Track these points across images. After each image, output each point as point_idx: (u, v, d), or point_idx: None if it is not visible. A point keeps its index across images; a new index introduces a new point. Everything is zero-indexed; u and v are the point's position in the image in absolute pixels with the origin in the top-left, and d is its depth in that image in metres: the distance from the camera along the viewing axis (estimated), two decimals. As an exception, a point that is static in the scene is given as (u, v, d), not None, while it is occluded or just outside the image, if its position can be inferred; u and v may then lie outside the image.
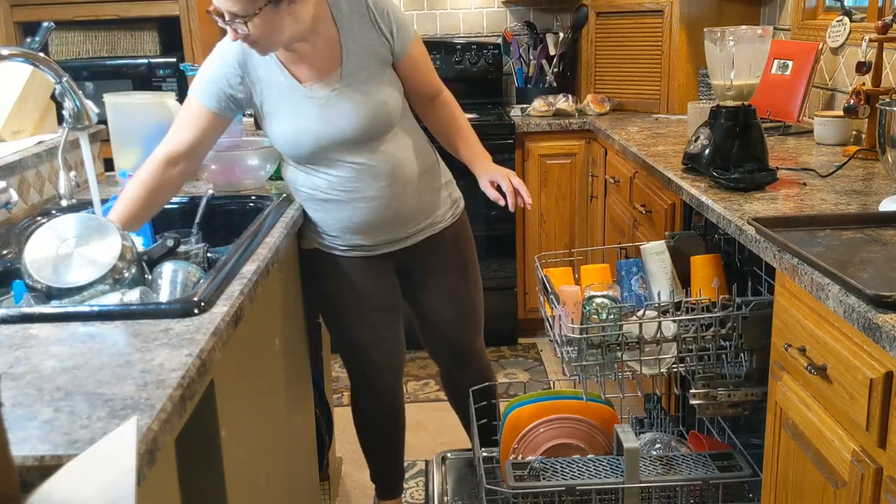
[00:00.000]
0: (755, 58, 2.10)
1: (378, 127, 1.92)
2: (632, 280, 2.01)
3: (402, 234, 2.03)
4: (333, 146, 1.90)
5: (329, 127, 1.88)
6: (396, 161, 1.96)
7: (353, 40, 1.90)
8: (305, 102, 1.88)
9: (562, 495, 1.87)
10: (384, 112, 1.92)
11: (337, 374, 3.53)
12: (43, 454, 0.87)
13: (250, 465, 1.50)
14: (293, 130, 1.89)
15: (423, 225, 2.05)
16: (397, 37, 1.94)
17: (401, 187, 1.97)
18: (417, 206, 2.02)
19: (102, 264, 1.51)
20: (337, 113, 1.88)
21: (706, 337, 1.81)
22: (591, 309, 1.77)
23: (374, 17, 1.91)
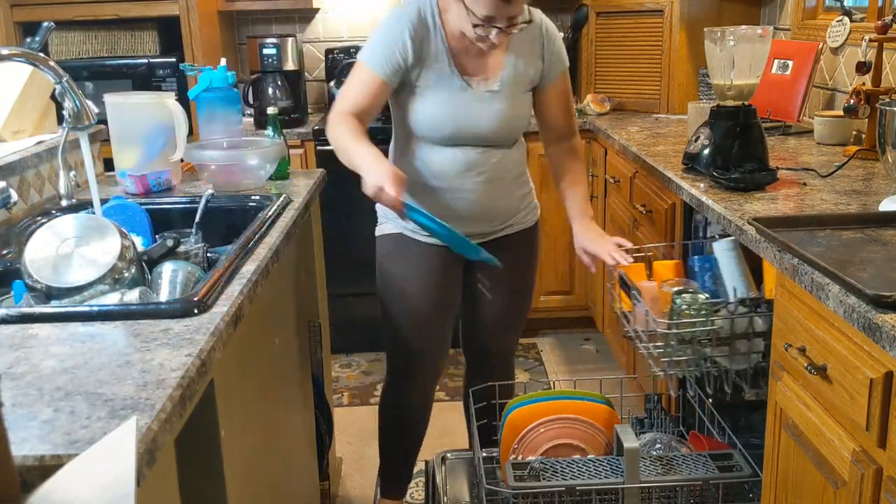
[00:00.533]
0: (755, 58, 2.10)
1: (508, 135, 2.09)
2: (704, 276, 2.01)
3: (486, 230, 2.15)
4: (465, 138, 2.02)
5: (473, 121, 2.02)
6: (502, 165, 2.10)
7: (518, 54, 2.05)
8: (461, 93, 2.01)
9: (562, 495, 1.87)
10: (519, 126, 2.10)
11: (337, 374, 3.53)
12: (43, 454, 0.87)
13: (250, 465, 1.50)
14: (442, 114, 2.01)
15: (505, 224, 2.17)
16: (550, 66, 2.10)
17: (497, 187, 2.10)
18: (505, 206, 2.15)
19: (102, 264, 1.51)
20: (485, 113, 2.02)
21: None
22: (681, 303, 1.76)
23: (543, 41, 2.08)
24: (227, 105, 2.37)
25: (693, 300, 1.76)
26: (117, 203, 1.96)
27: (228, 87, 2.37)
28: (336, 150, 1.98)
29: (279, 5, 3.77)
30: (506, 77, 2.04)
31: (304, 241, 2.28)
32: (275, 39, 3.58)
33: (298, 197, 2.10)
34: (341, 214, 3.47)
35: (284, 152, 2.27)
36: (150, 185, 2.17)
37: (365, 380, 3.49)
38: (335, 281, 2.96)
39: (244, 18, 4.04)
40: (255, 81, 3.61)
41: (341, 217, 3.47)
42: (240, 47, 4.04)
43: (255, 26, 4.04)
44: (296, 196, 2.10)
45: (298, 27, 4.04)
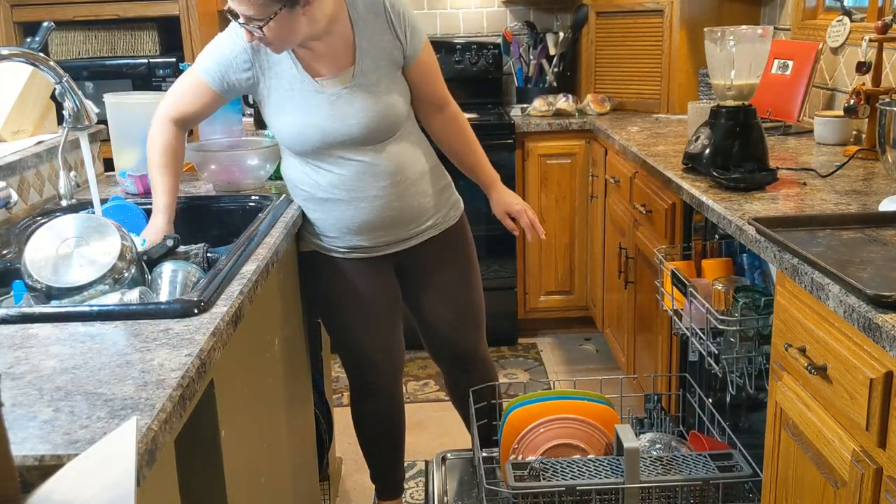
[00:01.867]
0: (755, 58, 2.10)
1: (386, 128, 1.93)
2: (754, 274, 2.01)
3: (402, 236, 2.03)
4: (339, 143, 1.90)
5: (337, 124, 1.89)
6: (399, 161, 1.96)
7: (367, 40, 1.90)
8: (315, 97, 1.89)
9: (562, 495, 1.87)
10: (393, 113, 1.93)
11: (337, 374, 3.53)
12: (43, 454, 0.87)
13: (250, 465, 1.50)
14: (300, 124, 1.89)
15: (424, 227, 2.06)
16: (410, 40, 1.95)
17: (402, 188, 1.97)
18: (418, 207, 2.02)
19: (102, 264, 1.51)
20: (347, 111, 1.89)
21: None
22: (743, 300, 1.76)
23: (390, 18, 1.92)
24: (227, 105, 2.37)
25: (751, 296, 1.76)
26: (116, 204, 1.96)
27: (228, 87, 2.36)
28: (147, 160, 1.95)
29: (279, 5, 3.76)
30: (360, 69, 1.89)
31: (304, 241, 2.28)
32: (275, 39, 3.57)
33: (298, 197, 2.10)
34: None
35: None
36: (150, 185, 2.16)
37: (365, 380, 3.48)
38: (335, 281, 2.96)
39: (244, 18, 4.03)
40: (255, 81, 3.61)
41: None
42: (240, 47, 4.03)
43: (255, 26, 4.03)
44: (296, 196, 2.10)
45: (298, 27, 4.04)
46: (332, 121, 1.88)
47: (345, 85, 1.89)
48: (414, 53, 1.97)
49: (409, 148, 2.00)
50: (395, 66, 1.96)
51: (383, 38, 1.92)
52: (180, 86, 1.95)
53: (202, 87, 1.91)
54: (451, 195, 2.14)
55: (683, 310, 1.95)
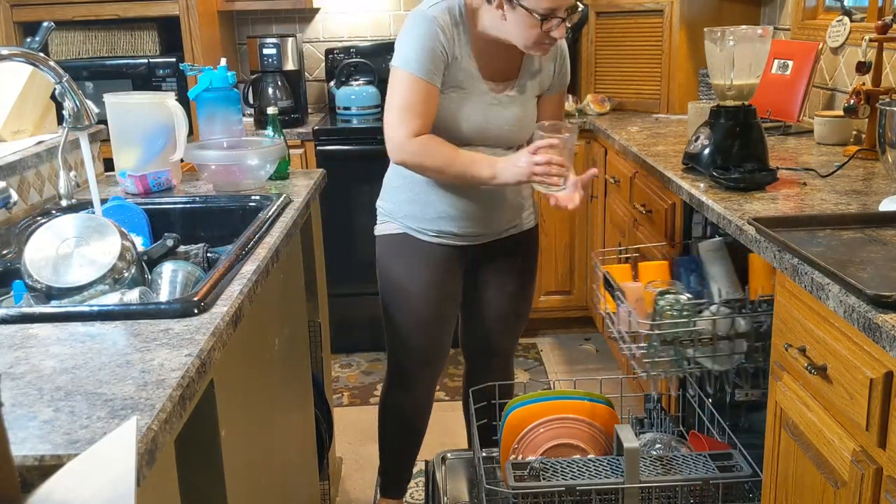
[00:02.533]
0: (755, 58, 2.10)
1: (520, 138, 2.10)
2: (690, 277, 2.01)
3: (491, 230, 2.15)
4: (483, 140, 2.03)
5: (491, 123, 2.03)
6: None
7: (534, 62, 2.08)
8: (482, 95, 2.02)
9: (562, 495, 1.87)
10: (530, 127, 2.09)
11: (337, 374, 3.53)
12: (43, 454, 0.87)
13: (250, 465, 1.50)
14: (464, 115, 2.01)
15: (510, 225, 2.18)
16: (560, 78, 2.15)
17: (508, 188, 2.10)
18: (513, 206, 2.16)
19: (102, 264, 1.51)
20: (503, 115, 2.04)
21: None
22: (663, 304, 1.76)
23: (559, 54, 2.12)
24: (227, 105, 2.37)
25: (676, 301, 1.76)
26: (116, 204, 1.96)
27: (228, 87, 2.37)
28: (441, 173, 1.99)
29: (279, 5, 3.76)
30: (522, 82, 2.07)
31: (304, 241, 2.28)
32: (275, 39, 3.58)
33: (298, 197, 2.10)
34: (341, 214, 3.47)
35: (284, 152, 2.27)
36: (149, 185, 2.17)
37: (365, 380, 3.49)
38: (335, 281, 2.96)
39: (244, 18, 4.04)
40: (255, 81, 3.61)
41: (341, 217, 3.47)
42: (240, 47, 4.04)
43: (255, 26, 4.04)
44: (296, 196, 2.10)
45: (298, 27, 4.04)
46: (488, 119, 2.03)
47: (506, 93, 2.05)
48: (555, 89, 2.17)
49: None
50: (539, 90, 2.14)
51: (547, 66, 2.11)
52: (408, 101, 1.95)
53: (433, 91, 1.97)
54: (533, 199, 2.26)
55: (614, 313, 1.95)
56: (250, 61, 3.64)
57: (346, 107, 3.75)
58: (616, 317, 1.91)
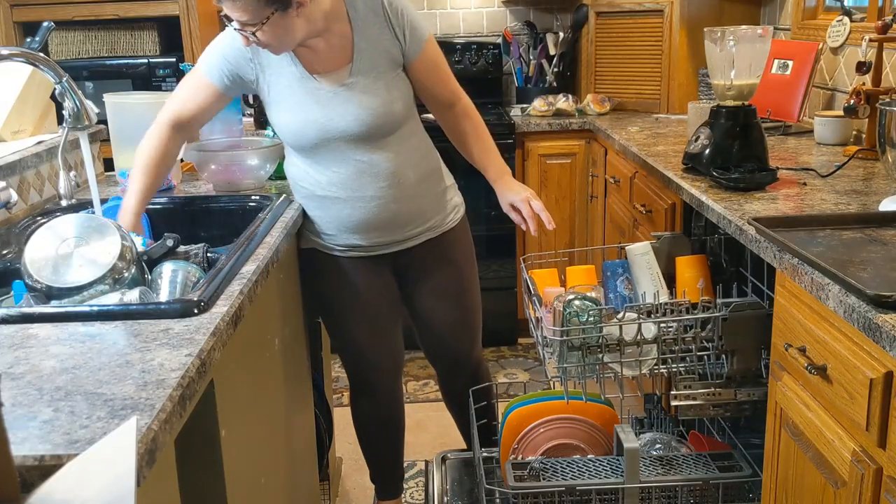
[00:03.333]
0: (755, 58, 2.10)
1: (383, 126, 1.92)
2: (617, 281, 2.01)
3: (399, 237, 2.03)
4: (337, 140, 1.91)
5: (335, 120, 1.89)
6: (399, 163, 1.96)
7: (366, 39, 1.91)
8: (314, 94, 1.90)
9: (562, 495, 1.87)
10: (390, 112, 1.92)
11: (337, 373, 3.53)
12: (43, 454, 0.87)
13: (250, 465, 1.50)
14: (299, 120, 1.90)
15: (422, 228, 2.06)
16: (410, 38, 1.95)
17: (401, 189, 1.97)
18: (416, 209, 2.02)
19: (102, 264, 1.51)
20: (344, 108, 1.89)
21: (687, 339, 1.81)
22: (570, 311, 1.76)
23: (388, 16, 1.92)
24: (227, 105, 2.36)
25: (584, 307, 1.76)
26: (116, 204, 1.96)
27: (228, 87, 2.36)
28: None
29: (279, 5, 3.76)
30: (358, 67, 1.90)
31: (304, 241, 2.28)
32: (275, 39, 3.57)
33: (298, 197, 2.10)
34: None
35: (284, 152, 2.27)
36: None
37: (365, 380, 3.48)
38: (335, 281, 2.96)
39: (244, 18, 4.03)
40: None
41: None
42: (240, 47, 4.03)
43: (255, 26, 4.04)
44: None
45: (298, 27, 4.04)
46: (329, 117, 1.89)
47: (342, 82, 1.90)
48: (414, 52, 1.96)
49: (411, 150, 2.00)
50: (395, 64, 1.95)
51: (382, 36, 1.92)
52: (182, 88, 1.97)
53: (204, 85, 1.92)
54: (451, 198, 2.13)
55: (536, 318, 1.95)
56: (250, 61, 3.64)
57: (346, 107, 3.75)
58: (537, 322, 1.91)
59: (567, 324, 1.77)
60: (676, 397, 1.87)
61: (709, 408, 1.87)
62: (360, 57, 1.90)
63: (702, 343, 1.81)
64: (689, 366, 1.84)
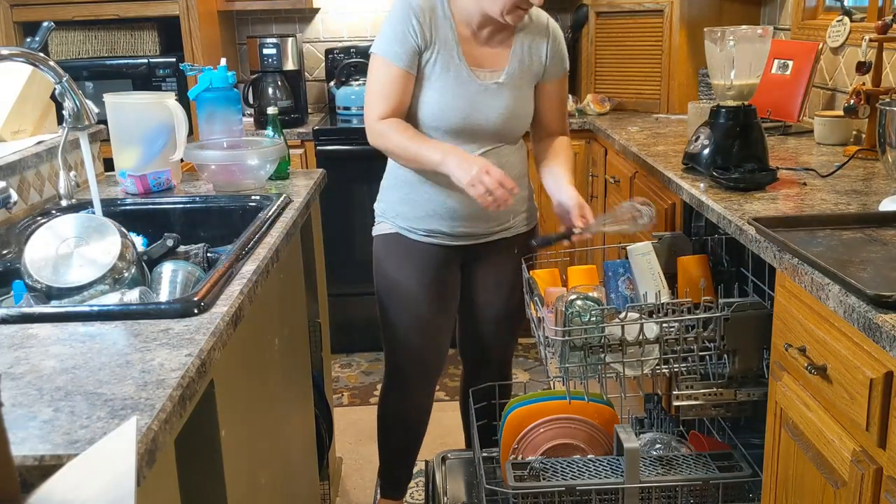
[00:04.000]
0: (755, 58, 2.10)
1: (515, 128, 2.07)
2: (619, 281, 2.01)
3: (481, 231, 2.12)
4: (471, 130, 2.00)
5: (479, 112, 2.00)
6: (504, 161, 2.06)
7: (523, 48, 2.05)
8: (468, 83, 1.99)
9: (562, 495, 1.87)
10: (524, 120, 2.08)
11: (337, 374, 3.53)
12: (43, 454, 0.87)
13: (250, 465, 1.50)
14: (447, 102, 1.98)
15: (502, 227, 2.14)
16: (552, 64, 2.09)
17: None
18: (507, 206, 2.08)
19: (102, 264, 1.51)
20: (491, 103, 2.00)
21: (689, 338, 1.81)
22: (572, 311, 1.76)
23: (549, 36, 2.08)
24: (227, 105, 2.37)
25: (586, 307, 1.76)
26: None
27: (228, 87, 2.37)
28: (398, 156, 2.01)
29: (279, 5, 3.77)
30: (511, 70, 2.03)
31: (304, 241, 2.28)
32: (275, 39, 3.58)
33: (298, 197, 2.10)
34: (341, 214, 3.47)
35: (284, 152, 2.27)
36: (150, 185, 2.17)
37: (365, 380, 3.49)
38: (335, 281, 2.97)
39: (244, 18, 4.04)
40: (255, 81, 3.61)
41: (341, 217, 3.47)
42: (240, 47, 4.04)
43: (255, 26, 4.04)
44: (296, 196, 2.10)
45: (298, 27, 4.04)
46: (476, 108, 1.99)
47: (495, 80, 2.01)
48: (553, 76, 2.11)
49: (516, 150, 2.12)
50: (535, 78, 2.09)
51: (537, 51, 2.07)
52: (379, 85, 2.00)
53: (401, 74, 1.97)
54: (532, 203, 2.24)
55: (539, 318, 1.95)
56: (250, 61, 3.64)
57: (346, 107, 3.75)
58: (538, 322, 1.91)
59: (569, 324, 1.77)
60: (678, 397, 1.87)
61: (710, 408, 1.87)
62: (513, 61, 2.04)
63: (703, 343, 1.81)
64: (690, 366, 1.84)
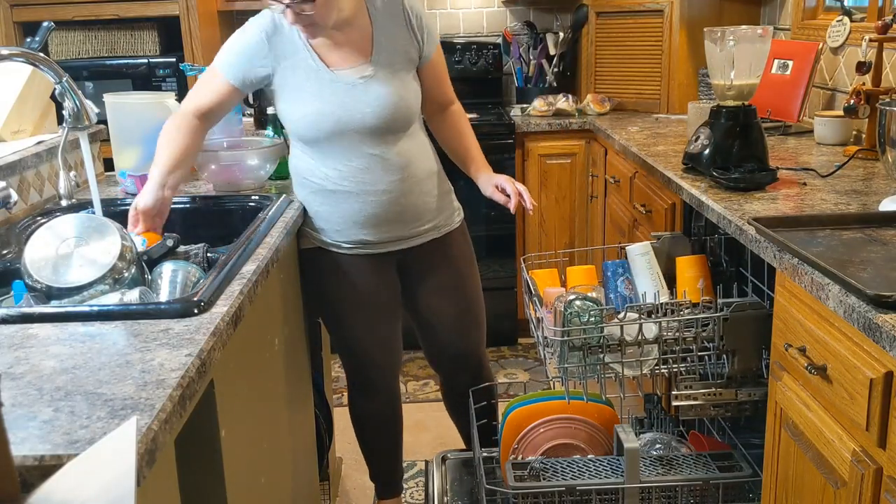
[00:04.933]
0: (755, 58, 2.10)
1: (398, 120, 1.97)
2: (618, 281, 2.01)
3: (406, 233, 2.05)
4: (352, 133, 1.94)
5: (352, 112, 1.92)
6: (409, 158, 2.00)
7: (385, 36, 1.98)
8: (331, 86, 1.93)
9: (562, 495, 1.87)
10: (406, 106, 1.98)
11: (337, 373, 3.52)
12: (43, 454, 0.87)
13: (250, 465, 1.50)
14: (315, 111, 1.93)
15: (428, 226, 2.08)
16: (426, 41, 2.04)
17: (411, 184, 2.01)
18: (423, 205, 2.05)
19: (102, 264, 1.51)
20: (362, 100, 1.93)
21: (687, 339, 1.81)
22: (571, 312, 1.77)
23: (408, 18, 2.00)
24: (227, 105, 2.37)
25: (585, 307, 1.76)
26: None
27: (228, 87, 2.36)
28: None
29: (279, 5, 3.76)
30: (377, 61, 1.95)
31: (304, 241, 2.28)
32: (275, 39, 3.57)
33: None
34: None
35: (284, 152, 2.27)
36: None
37: (365, 380, 3.48)
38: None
39: (244, 18, 4.00)
40: (255, 81, 3.61)
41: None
42: (240, 47, 4.03)
43: (255, 26, 4.03)
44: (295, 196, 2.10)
45: (298, 27, 4.04)
46: (346, 108, 1.92)
47: (361, 75, 1.94)
48: (429, 54, 2.06)
49: (419, 147, 2.05)
50: (411, 63, 2.03)
51: (400, 35, 1.99)
52: (199, 83, 2.00)
53: (221, 83, 1.96)
54: (452, 200, 2.18)
55: (539, 319, 1.95)
56: (250, 61, 3.64)
57: (346, 107, 3.75)
58: (538, 323, 1.91)
59: (568, 324, 1.77)
60: (677, 397, 1.87)
61: (709, 408, 1.87)
62: (379, 52, 1.96)
63: (702, 343, 1.81)
64: (689, 366, 1.84)
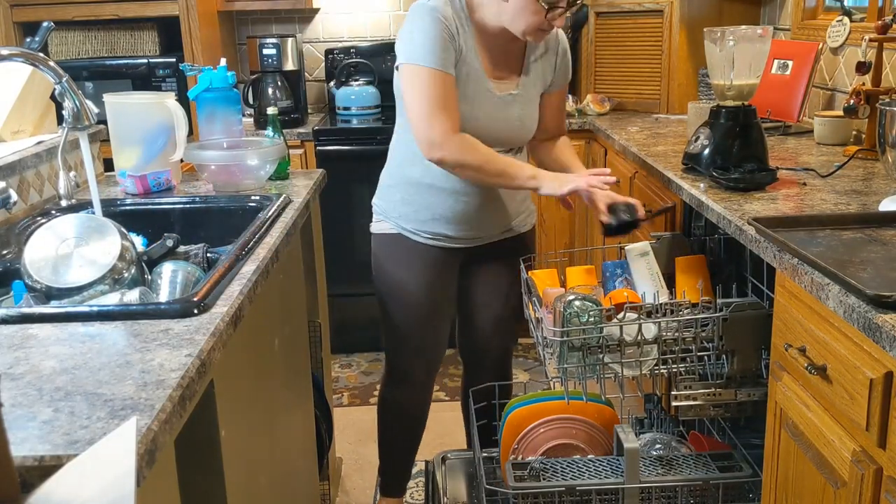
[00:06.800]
0: (755, 58, 2.10)
1: (522, 139, 2.11)
2: (616, 281, 2.01)
3: (486, 234, 2.15)
4: (485, 141, 1.99)
5: (494, 123, 2.02)
6: None
7: (535, 57, 2.09)
8: (486, 94, 2.01)
9: (562, 496, 1.87)
10: (532, 127, 2.10)
11: (337, 374, 3.53)
12: (43, 454, 0.87)
13: (250, 465, 1.50)
14: (467, 112, 1.97)
15: (503, 228, 2.17)
16: (560, 74, 2.16)
17: (506, 191, 2.10)
18: (508, 208, 2.15)
19: (102, 264, 1.51)
20: (506, 114, 2.04)
21: (687, 339, 1.81)
22: (571, 312, 1.77)
23: (559, 51, 2.13)
24: (227, 105, 2.37)
25: (584, 308, 1.76)
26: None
27: (228, 87, 2.37)
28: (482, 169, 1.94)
29: (279, 5, 3.77)
30: (524, 81, 2.06)
31: (304, 241, 2.28)
32: (275, 39, 3.58)
33: (298, 197, 2.10)
34: (341, 214, 3.47)
35: (284, 152, 2.27)
36: (149, 185, 2.17)
37: (365, 380, 3.49)
38: (335, 281, 2.96)
39: (244, 18, 4.04)
40: (255, 81, 3.61)
41: (341, 217, 3.47)
42: (240, 47, 4.04)
43: (255, 26, 4.04)
44: (296, 196, 2.10)
45: (298, 27, 4.04)
46: (490, 119, 2.01)
47: (510, 91, 2.04)
48: (558, 86, 2.17)
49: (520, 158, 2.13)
50: (543, 88, 2.14)
51: (546, 61, 2.11)
52: (438, 96, 1.90)
53: (451, 80, 1.94)
54: (530, 203, 2.26)
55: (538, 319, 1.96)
56: (250, 61, 3.65)
57: (346, 107, 3.75)
58: (537, 323, 1.91)
59: (567, 324, 1.77)
60: (677, 398, 1.87)
61: (709, 408, 1.87)
62: (527, 72, 2.07)
63: (702, 343, 1.81)
64: (689, 366, 1.84)
